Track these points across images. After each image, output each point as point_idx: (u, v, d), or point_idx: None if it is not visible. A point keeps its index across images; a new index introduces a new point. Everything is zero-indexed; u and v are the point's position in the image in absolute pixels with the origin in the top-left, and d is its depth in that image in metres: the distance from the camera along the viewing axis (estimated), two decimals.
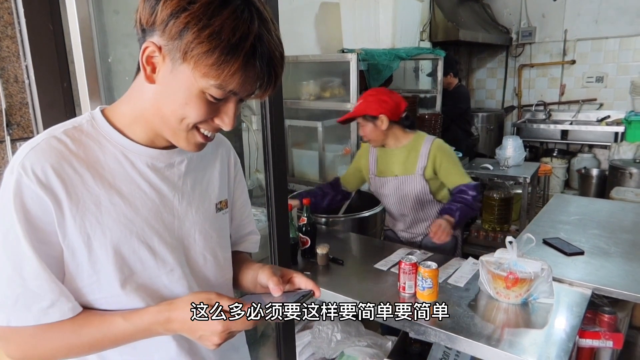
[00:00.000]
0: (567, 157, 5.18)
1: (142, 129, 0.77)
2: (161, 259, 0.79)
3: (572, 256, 1.82)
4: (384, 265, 1.75)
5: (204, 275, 0.87)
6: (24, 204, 0.68)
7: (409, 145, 2.02)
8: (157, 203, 0.78)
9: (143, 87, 0.72)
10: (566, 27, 5.17)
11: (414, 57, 3.35)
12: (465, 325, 1.36)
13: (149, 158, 0.78)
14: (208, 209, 0.87)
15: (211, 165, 0.90)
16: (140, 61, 0.69)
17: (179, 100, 0.69)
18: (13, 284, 0.69)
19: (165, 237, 0.79)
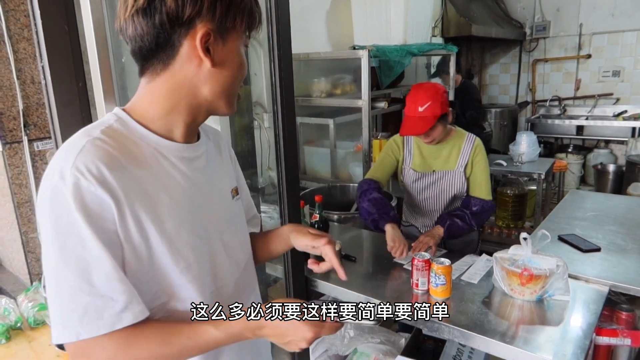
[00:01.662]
0: (583, 153, 5.10)
1: (174, 124, 0.79)
2: (209, 247, 0.83)
3: (588, 253, 1.79)
4: (397, 262, 1.75)
5: (236, 258, 0.92)
6: (86, 205, 0.67)
7: (450, 141, 1.94)
8: (193, 193, 0.81)
9: (177, 82, 0.75)
10: (581, 20, 5.08)
11: (426, 53, 3.32)
12: (479, 322, 1.35)
13: (180, 152, 0.80)
14: (227, 196, 0.93)
15: (220, 156, 0.95)
16: (201, 51, 0.72)
17: (235, 65, 0.78)
18: (81, 293, 0.66)
19: (206, 225, 0.83)
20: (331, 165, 2.91)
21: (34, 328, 1.71)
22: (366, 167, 2.72)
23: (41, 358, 1.57)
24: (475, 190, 1.93)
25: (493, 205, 1.93)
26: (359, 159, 2.80)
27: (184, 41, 0.73)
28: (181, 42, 0.73)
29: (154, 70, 0.75)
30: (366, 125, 2.67)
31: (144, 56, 0.75)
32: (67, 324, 0.66)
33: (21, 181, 2.14)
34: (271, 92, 1.44)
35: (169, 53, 0.74)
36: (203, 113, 0.81)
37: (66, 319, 0.67)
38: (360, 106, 2.66)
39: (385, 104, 3.12)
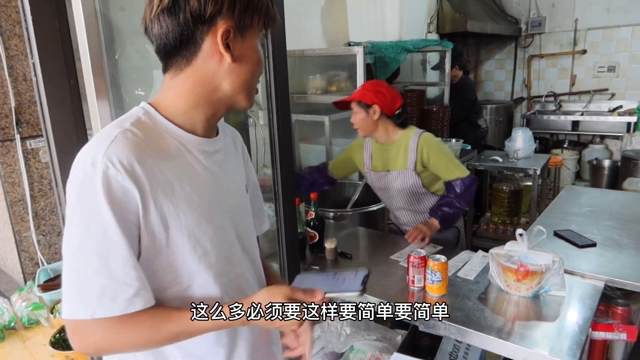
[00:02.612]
0: (578, 149, 5.11)
1: (196, 118, 0.83)
2: (225, 236, 0.87)
3: (584, 248, 1.80)
4: (393, 259, 1.75)
5: (250, 249, 0.97)
6: (113, 193, 0.71)
7: (399, 141, 2.01)
8: (213, 185, 0.85)
9: (200, 77, 0.79)
10: (577, 16, 5.09)
11: (421, 50, 3.31)
12: (475, 318, 1.35)
13: (201, 145, 0.84)
14: (241, 189, 0.97)
15: (235, 152, 1.00)
16: (222, 47, 0.77)
17: (254, 60, 0.82)
18: (99, 276, 0.71)
19: (225, 216, 0.87)
20: None
21: (28, 328, 1.70)
22: None
23: (36, 358, 1.56)
24: (448, 175, 1.95)
25: (474, 178, 1.96)
26: None
27: (206, 38, 0.77)
28: (203, 39, 0.77)
29: (177, 67, 0.80)
30: None
31: (168, 53, 0.79)
32: (85, 302, 0.71)
33: (14, 179, 2.12)
34: (266, 89, 1.43)
35: (192, 50, 0.78)
36: (223, 107, 0.85)
37: (84, 297, 0.71)
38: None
39: None
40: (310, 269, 1.72)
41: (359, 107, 1.98)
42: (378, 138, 2.05)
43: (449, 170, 1.94)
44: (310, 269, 1.72)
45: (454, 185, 1.92)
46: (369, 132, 2.03)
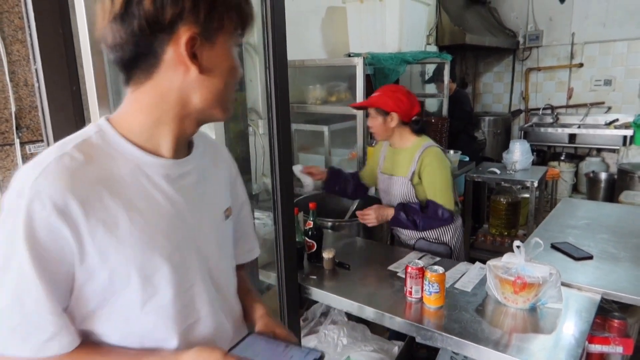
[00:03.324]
0: (575, 161, 5.14)
1: (161, 137, 0.74)
2: (186, 274, 0.77)
3: (580, 261, 1.80)
4: (391, 269, 1.74)
5: (224, 284, 0.87)
6: (35, 232, 0.63)
7: (409, 149, 2.02)
8: (175, 215, 0.75)
9: (163, 91, 0.71)
10: (574, 30, 5.14)
11: (421, 61, 3.34)
12: (472, 330, 1.35)
13: (164, 169, 0.75)
14: (218, 217, 0.86)
15: (215, 172, 0.89)
16: (187, 58, 0.68)
17: (226, 69, 0.74)
18: (12, 313, 0.65)
19: (187, 251, 0.77)
20: None
21: None
22: None
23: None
24: (433, 195, 1.94)
25: (448, 217, 1.92)
26: (353, 167, 2.80)
27: (167, 48, 0.68)
28: (164, 49, 0.68)
29: (137, 80, 0.71)
30: (361, 132, 2.67)
31: (126, 66, 0.70)
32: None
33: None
34: (267, 99, 1.44)
35: (151, 62, 0.69)
36: (194, 123, 0.76)
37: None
38: (355, 113, 2.66)
39: None
40: (308, 278, 1.72)
41: (377, 112, 2.00)
42: (393, 142, 2.08)
43: (435, 193, 1.93)
44: (308, 278, 1.72)
45: (434, 207, 1.91)
46: (384, 138, 2.07)
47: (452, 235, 2.06)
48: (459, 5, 4.89)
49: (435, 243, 2.06)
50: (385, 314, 1.47)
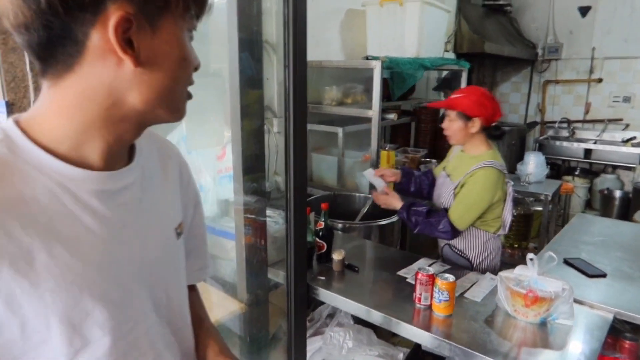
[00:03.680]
0: (590, 177, 5.07)
1: (91, 145, 0.58)
2: (125, 315, 0.62)
3: (593, 278, 1.77)
4: (400, 275, 1.73)
5: (174, 319, 0.73)
6: None
7: (476, 157, 1.91)
8: (112, 241, 0.60)
9: (89, 88, 0.55)
10: (594, 44, 5.08)
11: (439, 68, 3.32)
12: (481, 341, 1.33)
13: (95, 183, 0.59)
14: (169, 236, 0.72)
15: (164, 180, 0.74)
16: (118, 45, 0.52)
17: (175, 60, 0.58)
18: None
19: (129, 284, 0.63)
20: (338, 174, 2.90)
21: None
22: None
23: None
24: (453, 207, 1.89)
25: (447, 232, 1.86)
26: (366, 169, 2.79)
27: (91, 31, 0.52)
28: (87, 33, 0.52)
29: (55, 73, 0.55)
30: (375, 135, 2.66)
31: (38, 53, 0.54)
32: None
33: None
34: (284, 98, 1.44)
35: (71, 49, 0.53)
36: (133, 127, 0.60)
37: None
38: (371, 116, 2.65)
39: (395, 115, 3.12)
40: (316, 279, 1.72)
41: (458, 116, 1.89)
42: (466, 148, 1.98)
43: (456, 206, 1.87)
44: (316, 279, 1.72)
45: (440, 217, 1.88)
46: (461, 142, 1.97)
47: (478, 254, 1.98)
48: (479, 13, 4.86)
49: (458, 254, 2.00)
50: (393, 319, 1.46)
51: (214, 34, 2.00)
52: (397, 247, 2.44)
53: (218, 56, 2.00)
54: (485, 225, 1.94)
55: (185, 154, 1.86)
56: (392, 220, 2.30)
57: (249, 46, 1.58)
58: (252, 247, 1.71)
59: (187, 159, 1.71)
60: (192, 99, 0.65)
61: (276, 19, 2.24)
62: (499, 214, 1.94)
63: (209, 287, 1.81)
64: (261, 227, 1.73)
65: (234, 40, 1.53)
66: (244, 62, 1.58)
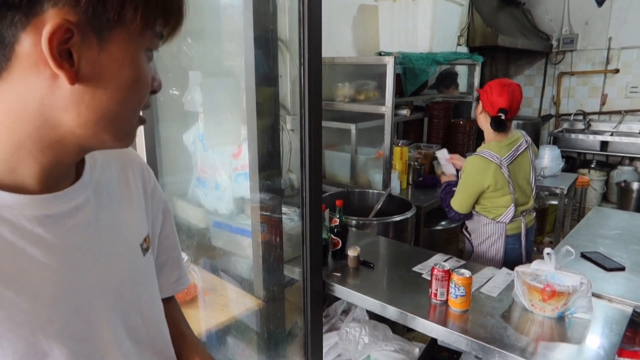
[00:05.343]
0: (606, 170, 5.00)
1: (24, 168, 0.50)
2: (90, 348, 0.56)
3: (612, 272, 1.76)
4: (416, 270, 1.74)
5: (150, 337, 0.67)
6: None
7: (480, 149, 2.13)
8: (67, 269, 0.54)
9: (18, 101, 0.47)
10: (611, 34, 5.00)
11: (452, 62, 3.30)
12: (498, 336, 1.33)
13: (39, 209, 0.52)
14: (134, 253, 0.65)
15: (125, 190, 0.67)
16: (50, 56, 0.44)
17: (125, 81, 0.50)
18: None
19: (92, 314, 0.56)
20: (351, 171, 2.91)
21: None
22: (386, 173, 2.71)
23: None
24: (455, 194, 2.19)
25: (449, 212, 2.21)
26: (379, 166, 2.79)
27: (21, 35, 0.44)
28: (16, 36, 0.44)
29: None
30: (388, 132, 2.66)
31: None
32: None
33: None
34: (299, 97, 1.45)
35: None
36: (72, 151, 0.52)
37: None
38: (383, 112, 2.65)
39: (407, 111, 3.11)
40: (332, 275, 1.73)
41: (480, 107, 2.14)
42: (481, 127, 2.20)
43: (456, 191, 2.18)
44: (332, 275, 1.73)
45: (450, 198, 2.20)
46: (485, 133, 2.18)
47: (477, 236, 2.20)
48: (492, 6, 4.81)
49: (466, 236, 2.29)
50: (409, 314, 1.47)
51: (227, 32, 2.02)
52: (411, 243, 2.44)
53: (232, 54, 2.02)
54: (485, 211, 2.13)
55: (202, 152, 1.89)
56: (406, 216, 2.30)
57: (264, 44, 1.60)
58: (268, 244, 1.73)
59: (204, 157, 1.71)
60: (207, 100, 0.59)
61: (289, 16, 2.25)
62: (497, 203, 2.08)
63: (227, 284, 1.84)
64: (277, 224, 1.74)
65: (250, 39, 1.54)
66: (259, 60, 1.59)
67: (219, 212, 1.89)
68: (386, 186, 2.68)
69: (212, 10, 2.00)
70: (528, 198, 2.17)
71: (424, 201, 2.78)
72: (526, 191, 2.16)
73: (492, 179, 2.01)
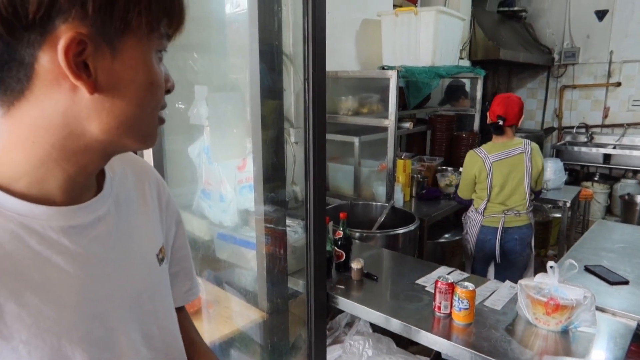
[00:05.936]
0: (610, 183, 4.99)
1: (51, 180, 0.53)
2: (111, 354, 0.58)
3: (615, 285, 1.76)
4: (419, 283, 1.74)
5: (165, 345, 0.69)
6: None
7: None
8: (89, 278, 0.56)
9: (43, 117, 0.49)
10: (612, 48, 5.03)
11: (454, 76, 3.33)
12: (502, 349, 1.33)
13: (64, 220, 0.54)
14: (151, 263, 0.67)
15: (142, 203, 0.69)
16: (68, 69, 0.47)
17: (141, 85, 0.52)
18: None
19: (112, 321, 0.58)
20: (354, 183, 2.92)
21: None
22: (390, 186, 2.72)
23: None
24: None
25: (455, 198, 2.83)
26: (382, 178, 2.80)
27: (39, 54, 0.47)
28: (35, 56, 0.47)
29: (6, 100, 0.49)
30: (392, 144, 2.68)
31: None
32: None
33: None
34: (304, 110, 1.47)
35: (19, 73, 0.47)
36: (97, 157, 0.55)
37: None
38: (387, 125, 2.67)
39: (410, 124, 3.13)
40: (335, 288, 1.73)
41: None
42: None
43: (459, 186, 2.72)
44: (335, 288, 1.73)
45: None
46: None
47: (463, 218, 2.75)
48: (494, 20, 4.86)
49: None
50: (412, 327, 1.47)
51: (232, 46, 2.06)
52: (414, 255, 2.44)
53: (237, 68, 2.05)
54: (475, 200, 2.63)
55: (207, 165, 1.91)
56: (409, 228, 2.31)
57: (269, 58, 1.62)
58: (272, 257, 1.74)
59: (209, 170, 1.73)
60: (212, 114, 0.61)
61: (293, 30, 2.28)
62: (479, 195, 2.58)
63: (231, 296, 1.84)
64: (281, 236, 1.75)
65: (255, 53, 1.57)
66: (264, 73, 1.62)
67: (223, 224, 1.91)
68: (389, 198, 2.69)
69: (218, 25, 2.04)
70: (516, 200, 2.50)
71: (427, 214, 2.79)
72: (514, 192, 2.50)
73: (477, 170, 2.51)
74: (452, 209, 3.06)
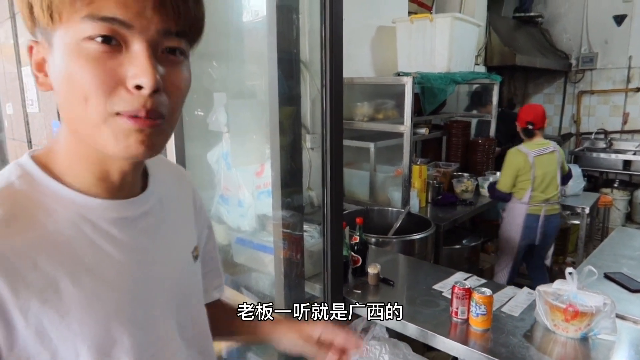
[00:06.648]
0: (630, 189, 4.91)
1: (85, 175, 0.57)
2: (154, 337, 0.62)
3: (636, 293, 1.73)
4: (436, 289, 1.74)
5: (197, 337, 0.72)
6: None
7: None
8: (134, 267, 0.61)
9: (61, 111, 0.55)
10: (631, 53, 4.97)
11: (470, 82, 3.33)
12: (520, 356, 1.32)
13: (116, 212, 0.59)
14: (187, 259, 0.72)
15: (179, 205, 0.75)
16: (35, 70, 0.55)
17: (65, 74, 0.51)
18: None
19: (157, 305, 0.63)
20: (370, 189, 2.93)
21: None
22: (405, 191, 2.72)
23: None
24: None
25: (493, 192, 3.07)
26: (398, 184, 2.81)
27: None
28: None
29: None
30: (407, 150, 2.69)
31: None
32: None
33: None
34: (321, 117, 1.49)
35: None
36: (107, 158, 0.57)
37: None
38: (402, 131, 2.68)
39: (426, 130, 3.14)
40: (352, 292, 1.74)
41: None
42: None
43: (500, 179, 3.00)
44: (352, 292, 1.74)
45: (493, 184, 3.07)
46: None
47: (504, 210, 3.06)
48: (510, 25, 4.84)
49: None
50: (429, 332, 1.47)
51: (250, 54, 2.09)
52: (430, 261, 2.44)
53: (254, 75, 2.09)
54: (516, 192, 2.91)
55: (225, 170, 1.94)
56: (426, 234, 2.31)
57: (287, 66, 1.65)
58: (289, 261, 1.76)
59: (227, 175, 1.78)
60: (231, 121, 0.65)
61: (310, 37, 2.31)
62: (522, 186, 2.86)
63: (248, 301, 1.86)
64: (298, 241, 1.77)
65: (273, 61, 1.59)
66: (281, 80, 1.65)
67: (241, 228, 1.93)
68: (405, 204, 2.69)
69: (236, 33, 2.08)
70: (551, 190, 2.86)
71: (443, 219, 2.78)
72: (550, 184, 2.86)
73: (522, 163, 2.82)
74: (468, 214, 3.04)
